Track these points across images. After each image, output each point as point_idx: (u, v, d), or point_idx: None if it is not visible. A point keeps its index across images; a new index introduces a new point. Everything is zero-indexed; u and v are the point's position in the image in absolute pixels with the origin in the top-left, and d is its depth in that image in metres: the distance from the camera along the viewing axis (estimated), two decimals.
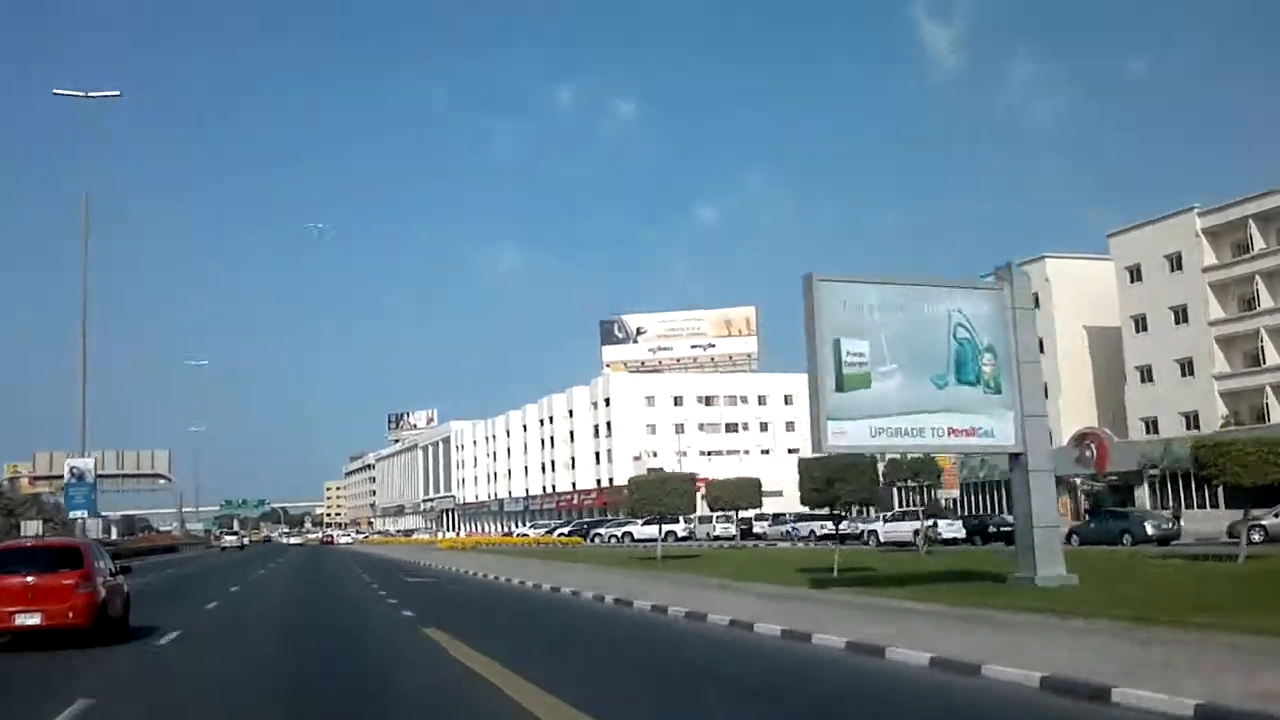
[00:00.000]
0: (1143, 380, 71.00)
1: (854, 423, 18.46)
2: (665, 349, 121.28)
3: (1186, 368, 67.96)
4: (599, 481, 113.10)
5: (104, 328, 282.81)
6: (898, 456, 76.62)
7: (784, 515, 67.24)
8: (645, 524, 70.04)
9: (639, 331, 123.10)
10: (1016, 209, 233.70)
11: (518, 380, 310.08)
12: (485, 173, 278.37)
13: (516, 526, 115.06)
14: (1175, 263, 67.68)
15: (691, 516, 74.40)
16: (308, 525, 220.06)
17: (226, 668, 13.65)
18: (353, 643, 16.24)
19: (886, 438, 18.90)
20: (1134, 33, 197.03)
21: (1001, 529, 49.62)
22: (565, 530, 78.34)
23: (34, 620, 14.84)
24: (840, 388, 18.46)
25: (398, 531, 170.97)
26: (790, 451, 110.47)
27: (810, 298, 18.53)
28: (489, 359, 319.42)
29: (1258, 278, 63.68)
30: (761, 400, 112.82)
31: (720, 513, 75.55)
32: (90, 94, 50.35)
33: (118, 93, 52.33)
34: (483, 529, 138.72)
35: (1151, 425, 70.32)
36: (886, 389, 18.68)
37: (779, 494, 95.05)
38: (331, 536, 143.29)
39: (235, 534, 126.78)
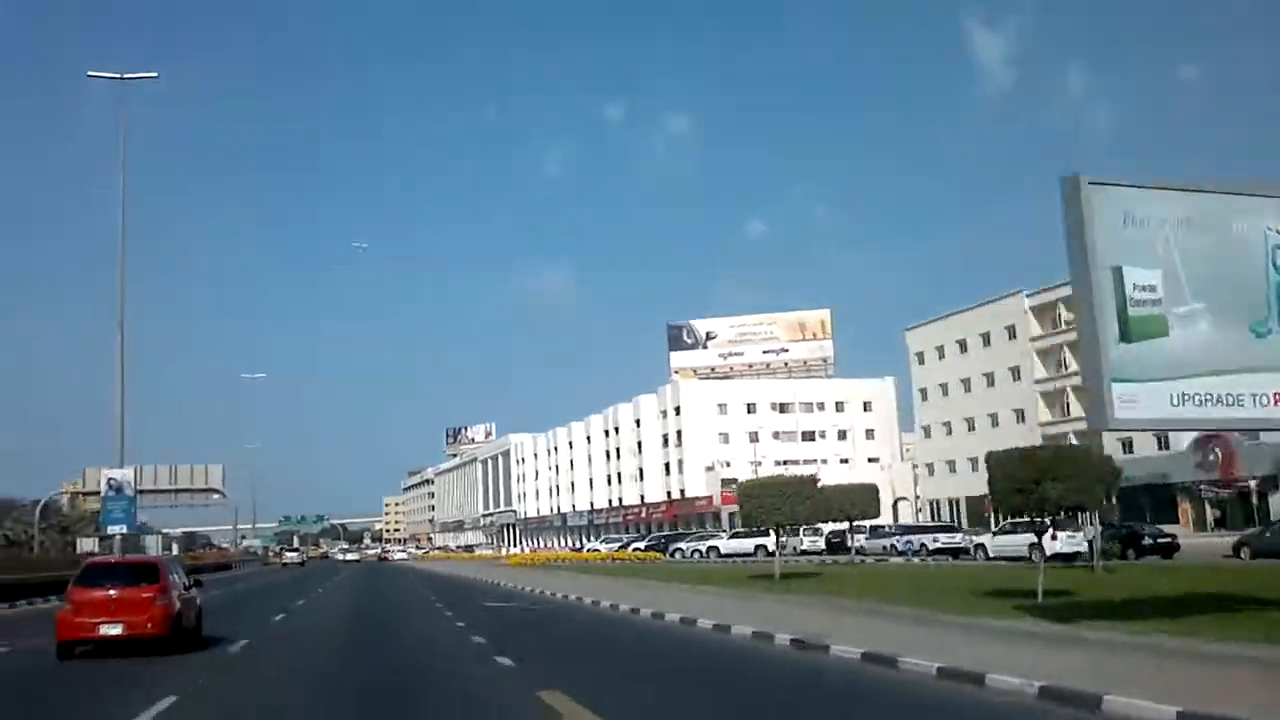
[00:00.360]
0: None
1: (1148, 386, 12.76)
2: (736, 354, 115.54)
3: None
4: (669, 493, 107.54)
5: (159, 345, 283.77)
6: None
7: (883, 528, 61.19)
8: (732, 537, 64.59)
9: (709, 336, 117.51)
10: None
11: (574, 394, 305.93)
12: (538, 189, 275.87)
13: (583, 541, 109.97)
14: None
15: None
16: (367, 541, 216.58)
17: None
18: None
19: (1192, 408, 13.05)
20: None
21: (1159, 540, 43.69)
22: (641, 545, 72.84)
23: (116, 630, 16.29)
24: (1126, 336, 12.80)
25: (458, 547, 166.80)
26: (870, 461, 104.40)
27: (1077, 210, 12.92)
28: (545, 373, 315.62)
29: None
30: (839, 407, 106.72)
31: (806, 525, 70.12)
32: (126, 75, 46.13)
33: (154, 74, 48.02)
34: (545, 544, 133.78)
35: None
36: (1189, 338, 13.00)
37: None
38: (388, 553, 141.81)
39: (296, 550, 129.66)
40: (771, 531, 34.32)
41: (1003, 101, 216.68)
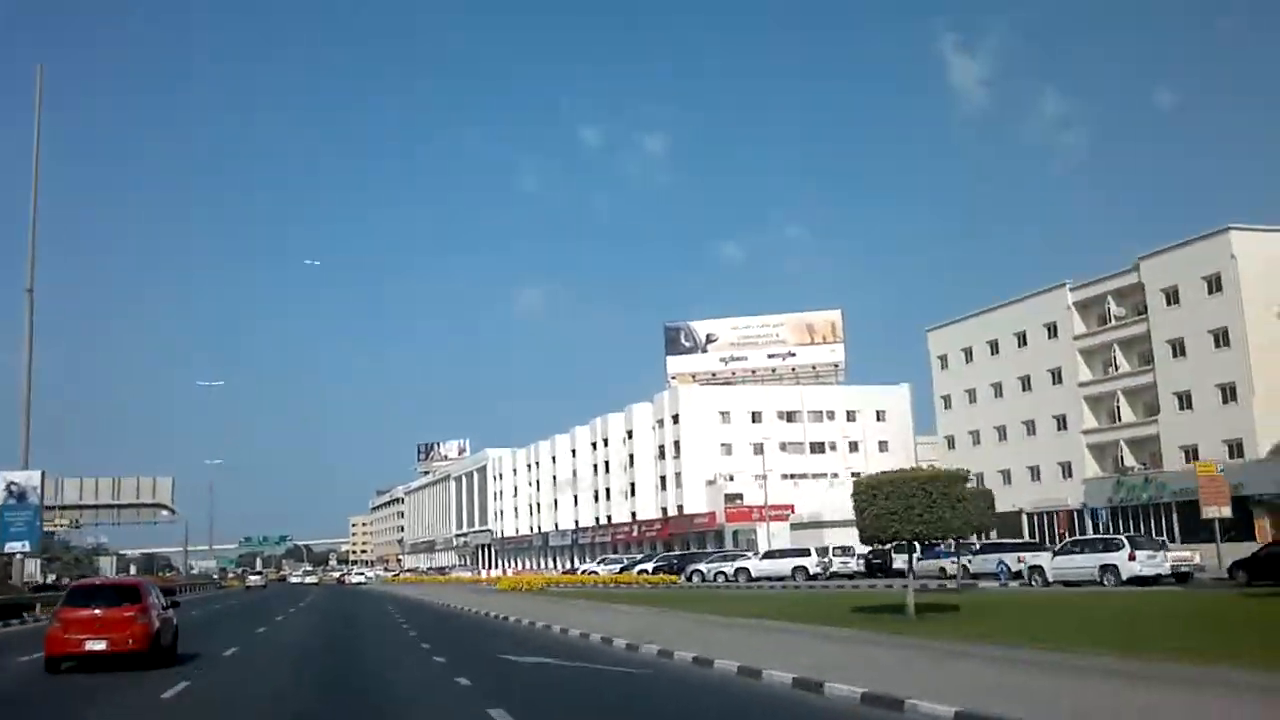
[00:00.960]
0: None
1: None
2: (739, 358, 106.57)
3: None
4: (664, 510, 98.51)
5: (112, 353, 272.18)
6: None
7: (939, 546, 52.52)
8: (764, 557, 55.75)
9: (709, 339, 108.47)
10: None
11: (553, 412, 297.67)
12: (516, 206, 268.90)
13: (572, 562, 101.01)
14: None
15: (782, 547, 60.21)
16: (332, 562, 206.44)
17: None
18: None
19: None
20: None
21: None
22: (648, 567, 63.86)
23: (100, 646, 17.75)
24: None
25: (429, 569, 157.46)
26: None
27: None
28: (523, 390, 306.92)
29: None
30: (850, 416, 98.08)
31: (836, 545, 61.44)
32: None
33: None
34: (524, 565, 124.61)
35: None
36: None
37: None
38: (345, 574, 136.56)
39: (259, 574, 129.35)
40: (899, 548, 25.38)
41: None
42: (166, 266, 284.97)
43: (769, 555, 54.50)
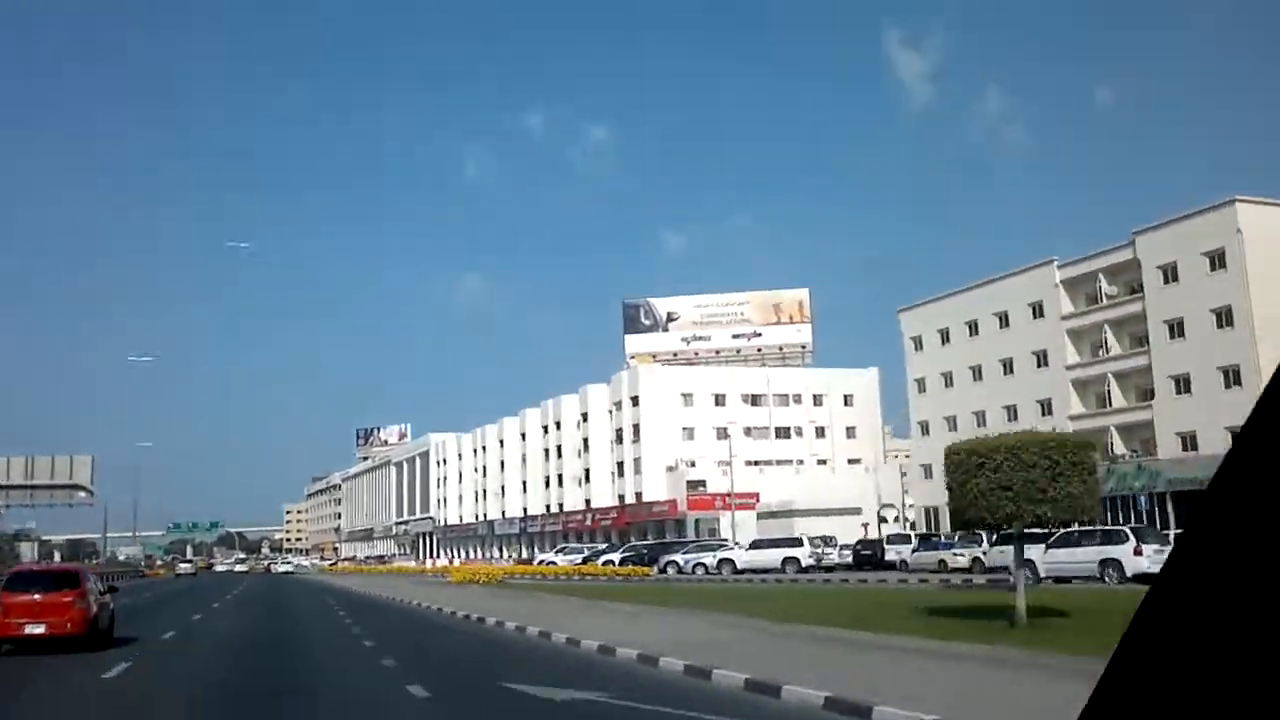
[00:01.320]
0: None
1: None
2: (702, 338, 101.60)
3: None
4: (621, 497, 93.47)
5: (37, 332, 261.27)
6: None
7: (933, 537, 48.38)
8: (751, 547, 51.08)
9: (670, 318, 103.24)
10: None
11: (500, 395, 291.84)
12: (460, 195, 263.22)
13: (523, 552, 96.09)
14: None
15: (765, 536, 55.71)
16: (265, 551, 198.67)
17: None
18: None
19: None
20: None
21: None
22: (613, 557, 58.83)
23: (39, 630, 18.29)
24: None
25: (367, 558, 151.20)
26: (851, 462, 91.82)
27: None
28: (468, 375, 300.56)
29: None
30: (817, 400, 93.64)
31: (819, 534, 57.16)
32: None
33: None
34: (469, 555, 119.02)
35: None
36: None
37: (856, 511, 76.64)
38: (270, 561, 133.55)
39: (189, 561, 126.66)
40: (1007, 533, 20.36)
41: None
42: (91, 242, 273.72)
43: (756, 545, 49.91)
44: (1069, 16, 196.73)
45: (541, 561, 67.46)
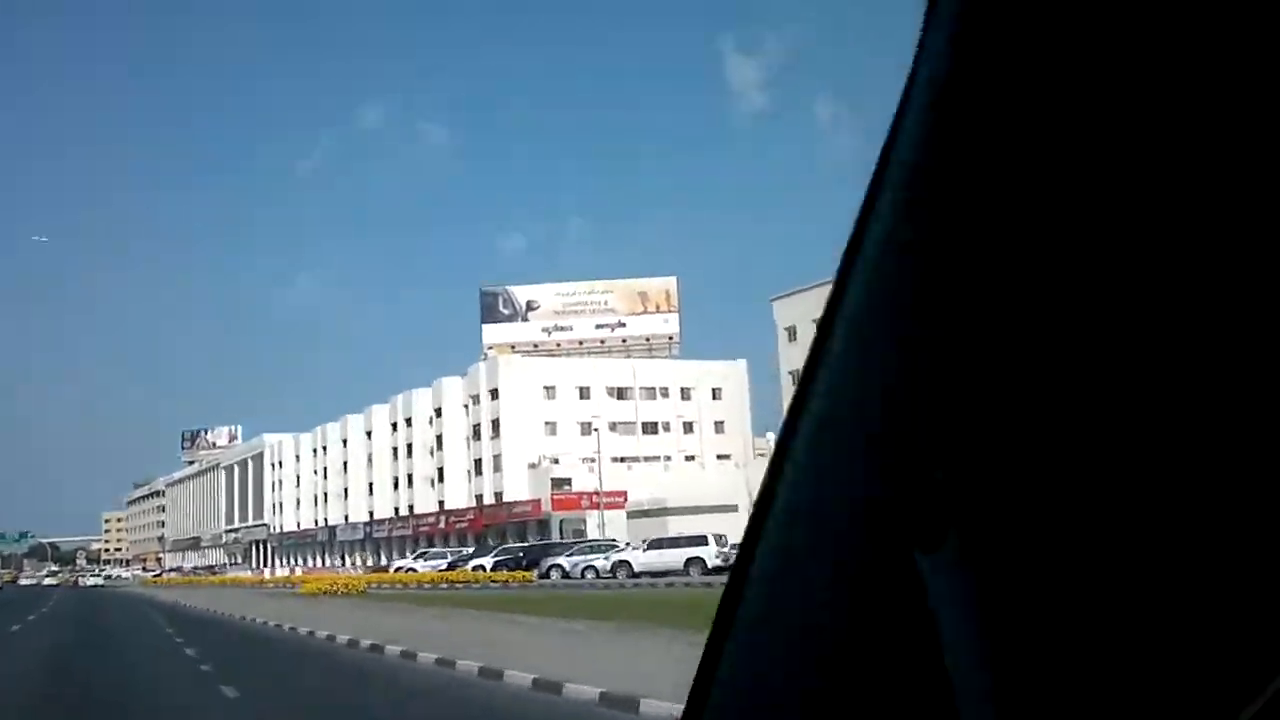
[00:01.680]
0: None
1: None
2: (564, 328, 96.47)
3: None
4: (479, 498, 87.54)
5: None
6: None
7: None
8: (651, 546, 46.40)
9: (530, 306, 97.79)
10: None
11: (339, 395, 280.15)
12: (297, 188, 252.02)
13: (372, 559, 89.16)
14: None
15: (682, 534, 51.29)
16: (81, 562, 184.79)
17: None
18: None
19: None
20: None
21: None
22: (485, 562, 53.04)
23: None
24: None
25: (196, 569, 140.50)
26: (721, 458, 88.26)
27: None
28: (304, 373, 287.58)
29: None
30: (685, 394, 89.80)
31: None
32: None
33: None
34: (307, 562, 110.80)
35: None
36: None
37: (733, 508, 72.82)
38: (76, 578, 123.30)
39: None
40: None
41: None
42: None
43: (655, 545, 45.22)
44: None
45: (399, 569, 61.27)
